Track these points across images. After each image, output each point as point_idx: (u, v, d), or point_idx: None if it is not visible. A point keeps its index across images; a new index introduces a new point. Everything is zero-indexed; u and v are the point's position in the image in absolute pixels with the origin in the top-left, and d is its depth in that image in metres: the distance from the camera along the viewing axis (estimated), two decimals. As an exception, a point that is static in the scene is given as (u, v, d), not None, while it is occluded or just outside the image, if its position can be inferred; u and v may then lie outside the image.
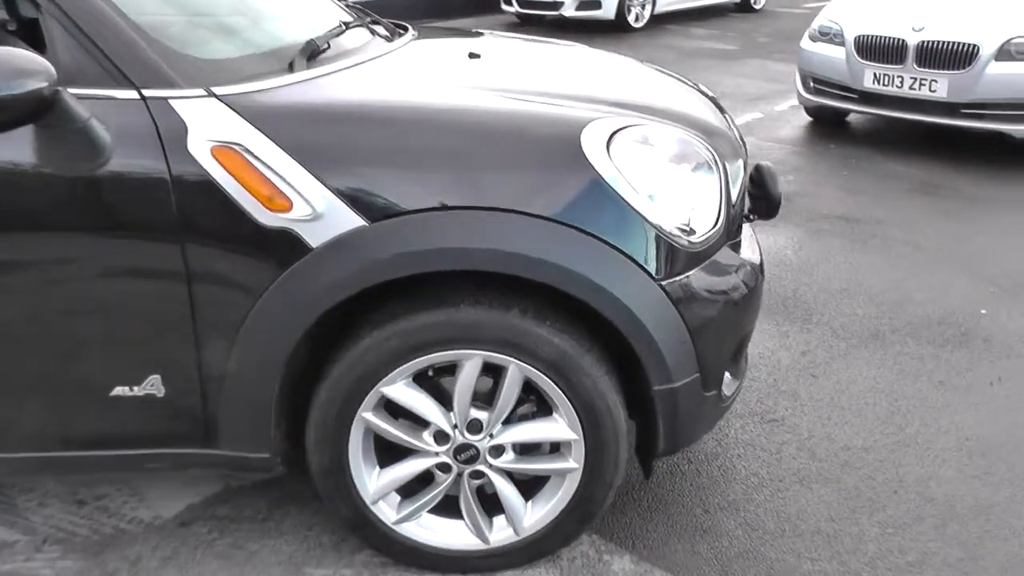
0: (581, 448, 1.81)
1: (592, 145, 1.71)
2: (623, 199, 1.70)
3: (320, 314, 1.68)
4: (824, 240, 4.03)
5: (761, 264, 2.09)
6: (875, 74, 5.39)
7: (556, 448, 1.88)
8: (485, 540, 1.91)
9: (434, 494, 1.88)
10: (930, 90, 5.20)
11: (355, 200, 1.63)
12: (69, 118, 1.55)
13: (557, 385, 1.74)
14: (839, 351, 3.00)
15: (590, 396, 1.75)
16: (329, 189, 1.63)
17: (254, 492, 2.23)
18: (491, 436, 1.81)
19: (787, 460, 2.39)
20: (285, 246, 1.64)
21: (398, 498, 1.90)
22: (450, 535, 1.92)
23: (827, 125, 6.14)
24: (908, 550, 2.06)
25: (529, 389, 1.80)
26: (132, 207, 1.62)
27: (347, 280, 1.66)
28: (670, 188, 1.79)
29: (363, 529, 1.91)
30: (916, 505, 2.21)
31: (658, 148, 1.82)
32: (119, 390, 1.75)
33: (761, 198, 2.20)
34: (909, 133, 5.76)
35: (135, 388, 1.75)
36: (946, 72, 5.12)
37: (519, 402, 1.82)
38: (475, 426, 1.81)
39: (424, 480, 1.91)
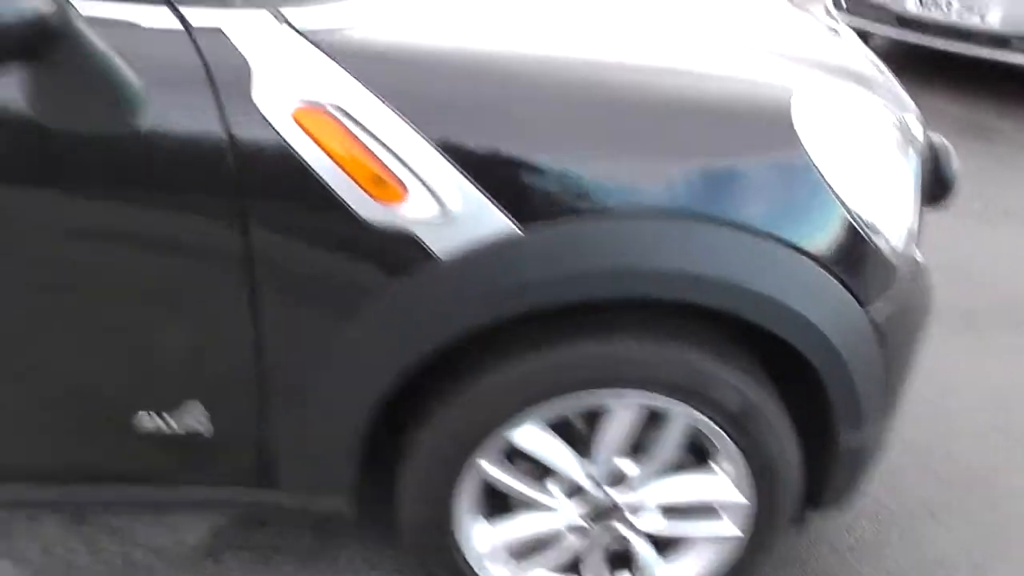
0: (750, 512, 1.43)
1: (807, 123, 1.26)
2: (840, 202, 1.27)
3: (438, 345, 1.24)
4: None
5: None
6: (919, -4, 4.92)
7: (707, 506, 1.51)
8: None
9: (560, 557, 1.49)
10: (981, 19, 4.75)
11: (505, 195, 1.17)
12: (83, 54, 1.04)
13: (731, 438, 1.35)
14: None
15: (770, 453, 1.37)
16: (468, 177, 1.16)
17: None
18: (633, 490, 1.42)
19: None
20: (395, 252, 1.18)
21: (511, 560, 1.51)
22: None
23: (857, 48, 5.66)
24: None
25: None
26: (178, 183, 1.15)
27: (486, 305, 1.21)
28: (884, 181, 1.37)
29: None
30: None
31: (877, 127, 1.38)
32: (146, 418, 1.30)
33: (931, 181, 1.74)
34: (949, 66, 5.29)
35: (167, 416, 1.30)
36: (1000, -1, 4.64)
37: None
38: (618, 478, 1.41)
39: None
